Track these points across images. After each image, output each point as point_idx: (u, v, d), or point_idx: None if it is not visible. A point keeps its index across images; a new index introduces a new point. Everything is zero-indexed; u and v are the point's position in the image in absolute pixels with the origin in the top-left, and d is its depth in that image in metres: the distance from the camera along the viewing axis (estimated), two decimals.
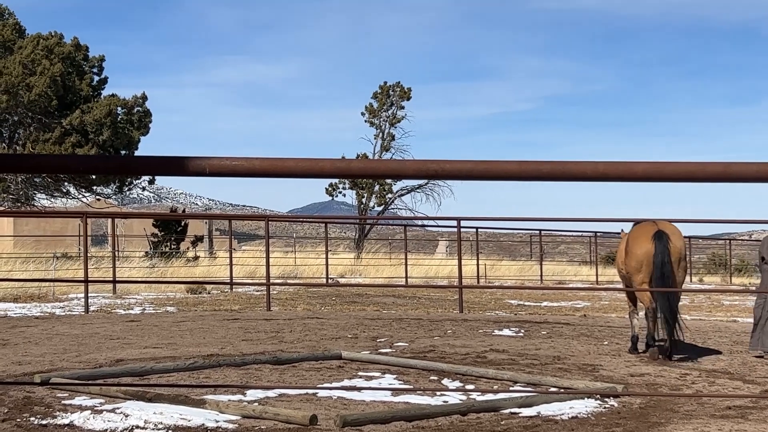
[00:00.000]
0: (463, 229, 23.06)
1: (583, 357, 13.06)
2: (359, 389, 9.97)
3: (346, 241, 62.41)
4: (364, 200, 55.18)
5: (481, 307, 22.09)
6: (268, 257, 21.77)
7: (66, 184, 39.51)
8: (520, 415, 8.90)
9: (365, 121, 55.91)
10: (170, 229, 36.27)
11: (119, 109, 39.44)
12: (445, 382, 10.98)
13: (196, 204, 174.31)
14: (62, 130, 37.39)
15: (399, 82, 55.64)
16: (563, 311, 21.59)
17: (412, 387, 10.58)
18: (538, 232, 40.25)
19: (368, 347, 13.80)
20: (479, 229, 35.46)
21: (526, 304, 23.71)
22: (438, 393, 10.14)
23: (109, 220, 30.99)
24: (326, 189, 55.98)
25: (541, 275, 36.35)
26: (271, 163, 3.01)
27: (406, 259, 30.97)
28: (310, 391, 10.04)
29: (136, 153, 39.90)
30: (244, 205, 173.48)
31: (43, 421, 8.37)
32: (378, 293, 25.68)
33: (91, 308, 19.72)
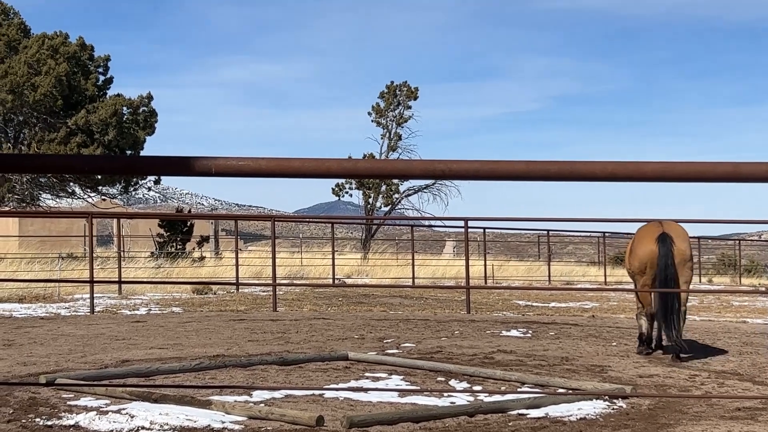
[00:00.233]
0: (470, 230, 23.01)
1: (592, 358, 13.01)
2: (366, 390, 9.93)
3: (353, 241, 62.41)
4: (370, 200, 55.19)
5: (488, 308, 22.05)
6: (274, 258, 21.75)
7: (71, 184, 39.52)
8: (528, 416, 8.86)
9: (372, 121, 55.99)
10: (176, 230, 36.30)
11: (125, 109, 39.45)
12: (453, 383, 10.93)
13: (202, 204, 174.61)
14: (67, 130, 37.40)
15: (406, 82, 55.69)
16: (571, 312, 21.53)
17: (419, 388, 10.53)
18: (546, 233, 40.22)
19: (375, 348, 13.75)
20: (487, 230, 35.40)
21: (534, 304, 23.66)
22: (445, 394, 10.09)
23: (115, 221, 31.06)
24: (333, 189, 56.07)
25: (549, 276, 36.30)
26: (277, 163, 2.98)
27: (413, 260, 30.94)
28: (317, 392, 10.00)
29: (142, 153, 39.90)
30: (250, 206, 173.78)
31: (49, 422, 8.34)
32: (385, 294, 25.66)
33: (97, 309, 19.71)
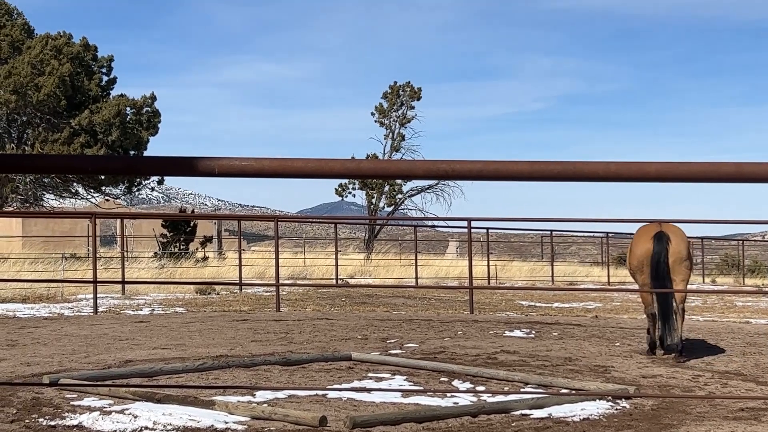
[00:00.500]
0: (473, 230, 23.00)
1: (595, 358, 13.00)
2: (369, 390, 9.92)
3: (356, 241, 62.42)
4: (374, 201, 55.17)
5: (491, 308, 22.04)
6: (277, 258, 21.75)
7: (75, 184, 39.55)
8: (531, 416, 8.85)
9: (375, 122, 55.98)
10: (179, 230, 36.30)
11: (128, 109, 39.46)
12: (456, 383, 10.93)
13: (205, 204, 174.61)
14: (71, 130, 37.42)
15: (409, 82, 55.70)
16: (574, 312, 21.52)
17: (422, 388, 10.53)
18: (549, 233, 40.19)
19: (378, 348, 13.75)
20: (490, 230, 35.40)
21: (537, 305, 23.65)
22: (448, 394, 10.09)
23: (118, 221, 31.02)
24: (336, 189, 56.02)
25: (552, 276, 36.29)
26: (280, 164, 2.98)
27: (416, 260, 30.95)
28: (320, 393, 10.00)
29: (145, 153, 39.91)
30: (254, 206, 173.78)
31: (52, 422, 8.34)
32: (388, 294, 25.66)
33: (100, 309, 19.72)
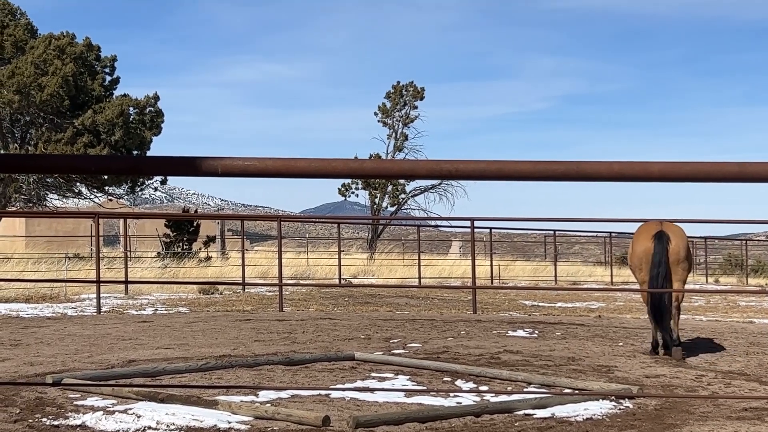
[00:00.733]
0: (476, 230, 22.99)
1: (598, 358, 12.99)
2: (372, 390, 9.92)
3: (359, 241, 62.41)
4: (377, 200, 55.14)
5: (494, 308, 22.03)
6: (280, 258, 21.76)
7: (78, 184, 39.54)
8: (535, 416, 8.85)
9: (378, 121, 55.92)
10: (182, 230, 36.35)
11: (131, 109, 39.44)
12: (459, 383, 10.92)
13: (209, 204, 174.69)
14: (74, 130, 37.41)
15: (412, 82, 55.61)
16: (578, 312, 21.51)
17: (425, 388, 10.52)
18: (553, 233, 40.19)
19: (381, 348, 13.75)
20: (493, 230, 35.44)
21: (540, 304, 23.64)
22: (451, 394, 10.08)
23: (121, 221, 31.03)
24: (339, 189, 55.99)
25: (556, 276, 36.28)
26: (283, 163, 2.98)
27: (420, 260, 30.96)
28: (323, 392, 10.00)
29: (148, 153, 39.91)
30: (257, 206, 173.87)
31: (55, 422, 8.35)
32: (391, 294, 25.65)
33: (103, 309, 19.72)
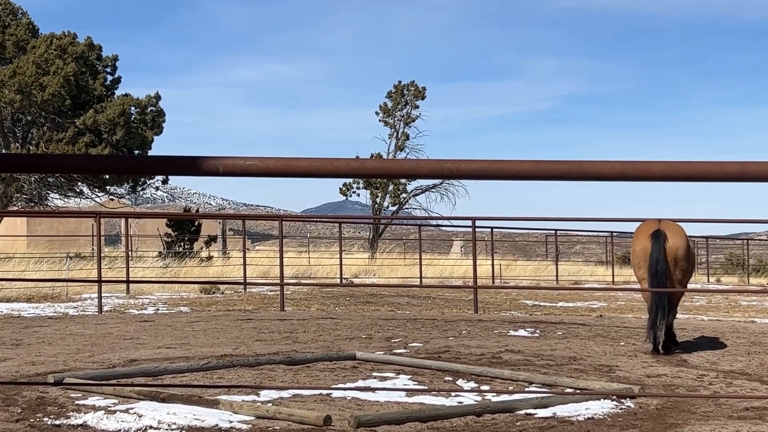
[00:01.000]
0: (478, 229, 22.98)
1: (599, 358, 12.99)
2: (373, 390, 9.93)
3: (360, 241, 62.42)
4: (378, 200, 55.12)
5: (496, 308, 22.03)
6: (281, 257, 21.76)
7: (79, 183, 39.55)
8: (536, 416, 8.85)
9: (379, 121, 55.89)
10: (184, 229, 36.34)
11: (132, 108, 39.45)
12: (460, 382, 10.92)
13: (210, 204, 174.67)
14: (75, 129, 37.42)
15: (413, 81, 55.57)
16: (579, 312, 21.50)
17: (426, 388, 10.52)
18: (554, 232, 40.18)
19: (382, 348, 13.75)
20: (494, 229, 35.37)
21: (542, 304, 23.63)
22: (453, 394, 10.08)
23: (123, 220, 31.04)
24: (340, 189, 55.97)
25: (557, 275, 36.27)
26: (285, 163, 2.98)
27: (421, 259, 30.96)
28: (324, 392, 10.00)
29: (150, 153, 39.92)
30: (258, 205, 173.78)
31: (57, 422, 8.35)
32: (392, 293, 25.65)
33: (105, 308, 19.73)
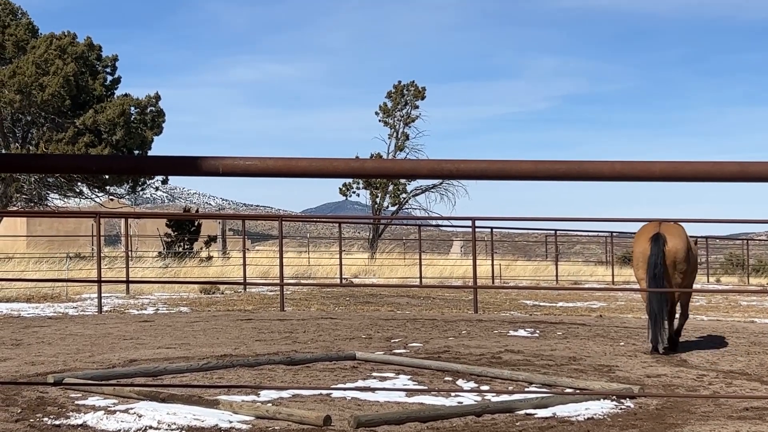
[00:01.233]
0: (477, 229, 22.98)
1: (599, 358, 12.99)
2: (373, 390, 9.92)
3: (360, 241, 62.44)
4: (378, 200, 55.13)
5: (496, 308, 22.03)
6: (281, 257, 21.76)
7: (79, 184, 39.55)
8: (536, 416, 8.85)
9: (379, 121, 55.91)
10: (184, 229, 36.33)
11: (132, 108, 39.45)
12: (460, 382, 10.92)
13: (210, 204, 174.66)
14: (75, 130, 37.42)
15: (413, 81, 55.58)
16: (579, 312, 21.50)
17: (426, 388, 10.52)
18: (554, 232, 40.18)
19: (382, 348, 13.75)
20: (494, 229, 35.39)
21: (542, 304, 23.63)
22: (452, 394, 10.08)
23: (123, 220, 31.06)
24: (340, 189, 55.99)
25: (557, 275, 36.28)
26: (284, 163, 2.98)
27: (421, 260, 30.96)
28: (324, 392, 10.00)
29: (150, 153, 39.92)
30: (258, 205, 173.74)
31: (57, 422, 8.35)
32: (392, 293, 25.65)
33: (105, 308, 19.73)
